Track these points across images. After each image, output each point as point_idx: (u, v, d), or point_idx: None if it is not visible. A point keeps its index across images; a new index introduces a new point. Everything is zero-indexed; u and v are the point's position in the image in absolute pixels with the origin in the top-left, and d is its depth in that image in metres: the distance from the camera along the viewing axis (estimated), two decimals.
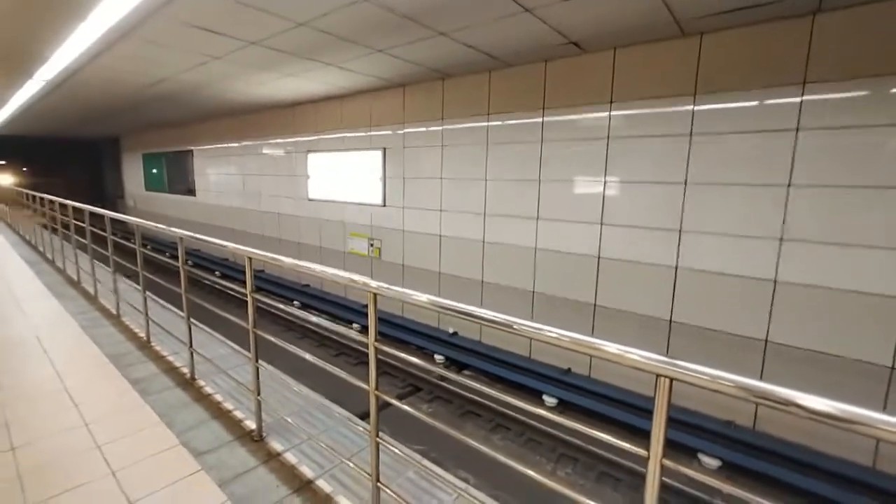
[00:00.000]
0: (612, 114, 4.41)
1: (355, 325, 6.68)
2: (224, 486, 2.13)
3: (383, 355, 1.86)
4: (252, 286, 2.41)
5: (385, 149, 6.69)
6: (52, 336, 4.07)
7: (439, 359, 5.68)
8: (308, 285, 8.45)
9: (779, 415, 3.43)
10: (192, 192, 12.17)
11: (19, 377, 3.23)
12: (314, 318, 2.26)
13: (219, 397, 3.02)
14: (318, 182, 7.99)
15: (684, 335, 4.21)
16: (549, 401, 4.65)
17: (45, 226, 8.38)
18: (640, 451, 1.12)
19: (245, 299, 2.44)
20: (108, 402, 2.91)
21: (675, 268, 4.20)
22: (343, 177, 7.47)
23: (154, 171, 14.22)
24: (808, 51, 3.38)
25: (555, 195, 4.95)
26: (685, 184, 4.05)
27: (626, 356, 1.12)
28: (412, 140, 6.32)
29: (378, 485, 1.88)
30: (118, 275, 4.60)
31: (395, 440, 2.19)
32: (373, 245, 7.15)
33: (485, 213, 5.61)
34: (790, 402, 0.90)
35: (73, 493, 2.06)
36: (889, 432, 0.81)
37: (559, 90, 4.77)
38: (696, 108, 3.92)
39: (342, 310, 7.25)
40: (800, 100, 3.45)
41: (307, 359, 2.24)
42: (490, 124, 5.41)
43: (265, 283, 8.89)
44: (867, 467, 3.41)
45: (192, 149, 11.83)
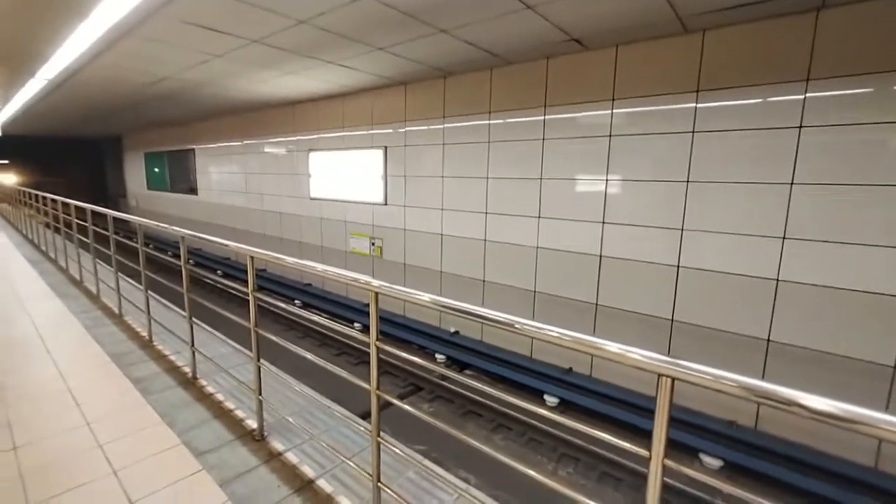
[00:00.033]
0: (614, 111, 4.40)
1: (357, 325, 6.69)
2: (225, 486, 2.14)
3: (385, 354, 1.86)
4: (254, 285, 2.41)
5: (386, 147, 6.69)
6: (55, 336, 4.08)
7: (441, 358, 5.68)
8: (310, 284, 8.46)
9: (781, 415, 3.42)
10: (194, 191, 12.19)
11: (22, 377, 3.24)
12: (316, 318, 2.26)
13: (220, 396, 3.03)
14: (320, 181, 7.98)
15: (686, 334, 4.20)
16: (551, 400, 4.64)
17: (47, 225, 8.40)
18: (641, 452, 1.12)
19: (247, 298, 2.44)
20: (110, 402, 2.92)
21: (677, 266, 4.18)
22: (344, 175, 7.46)
23: (156, 169, 14.25)
24: (812, 47, 3.35)
25: (556, 193, 4.93)
26: (687, 182, 4.03)
27: (627, 356, 1.11)
28: (413, 138, 6.32)
29: (379, 485, 1.88)
30: (120, 274, 4.61)
31: (396, 440, 2.19)
32: (374, 244, 7.15)
33: (486, 212, 5.60)
34: (792, 402, 0.89)
35: (74, 493, 2.07)
36: (891, 432, 0.80)
37: (561, 88, 4.75)
38: (698, 106, 3.90)
39: (344, 309, 7.25)
40: (803, 97, 3.43)
41: (308, 358, 2.24)
42: (491, 122, 5.39)
43: (267, 282, 8.90)
44: (869, 468, 3.40)
45: (194, 147, 11.84)
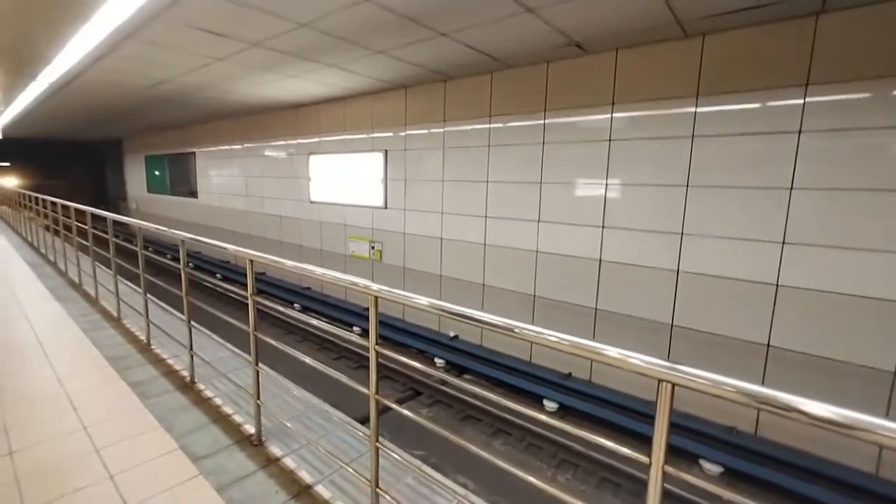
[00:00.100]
0: (614, 115, 4.40)
1: (356, 329, 6.67)
2: (222, 491, 2.12)
3: (384, 359, 1.85)
4: (253, 289, 2.40)
5: (386, 151, 6.69)
6: (53, 339, 4.07)
7: (440, 362, 5.66)
8: (309, 288, 8.45)
9: (781, 420, 3.40)
10: (194, 194, 12.20)
11: (20, 380, 3.23)
12: (315, 321, 2.25)
13: (218, 401, 3.01)
14: (320, 184, 7.99)
15: (686, 339, 4.19)
16: (550, 405, 4.62)
17: (47, 228, 8.40)
18: (641, 458, 1.11)
19: (246, 302, 2.43)
20: (108, 406, 2.91)
21: (677, 271, 4.18)
22: (344, 179, 7.47)
23: (156, 173, 14.26)
24: (812, 52, 3.36)
25: (556, 198, 4.93)
26: (687, 186, 4.04)
27: (627, 361, 1.11)
28: (414, 142, 6.32)
29: (377, 490, 1.87)
30: (119, 277, 4.60)
31: (394, 445, 2.18)
32: (374, 248, 7.14)
33: (486, 216, 5.60)
34: (792, 408, 0.89)
35: (71, 498, 2.05)
36: (892, 439, 0.79)
37: (561, 92, 4.76)
38: (698, 110, 3.91)
39: (343, 313, 7.24)
40: (802, 101, 3.44)
41: (307, 362, 2.23)
42: (492, 126, 5.40)
43: (266, 285, 8.89)
44: (870, 474, 3.38)
45: (195, 151, 11.85)
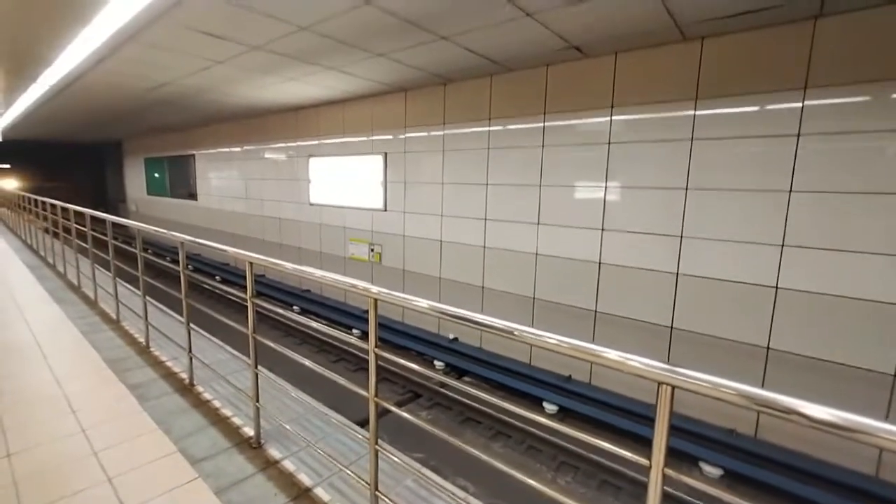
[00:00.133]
0: (614, 118, 4.42)
1: (355, 331, 6.67)
2: (221, 494, 2.11)
3: (383, 361, 1.85)
4: (252, 291, 2.40)
5: (386, 153, 6.70)
6: (52, 341, 4.06)
7: (439, 365, 5.66)
8: (308, 290, 8.44)
9: (781, 423, 3.41)
10: (193, 196, 12.20)
11: (18, 382, 3.22)
12: (314, 324, 2.25)
13: (217, 403, 3.00)
14: (320, 187, 7.99)
15: (685, 342, 4.19)
16: (550, 408, 4.62)
17: (46, 230, 8.39)
18: (641, 460, 1.11)
19: (245, 304, 2.43)
20: (106, 408, 2.90)
21: (676, 274, 4.18)
22: (344, 181, 7.48)
23: (156, 175, 14.27)
24: (810, 55, 3.38)
25: (556, 200, 4.94)
26: (686, 189, 4.04)
27: (627, 363, 1.11)
28: (413, 145, 6.33)
29: (377, 493, 1.87)
30: (118, 279, 4.60)
31: (394, 448, 2.18)
32: (373, 250, 7.15)
33: (485, 218, 5.60)
34: (792, 411, 0.89)
35: (69, 500, 2.04)
36: (891, 441, 0.80)
37: (560, 95, 4.77)
38: (697, 113, 3.92)
39: (342, 315, 7.23)
40: (801, 105, 3.45)
41: (306, 365, 2.23)
42: (491, 129, 5.41)
43: (266, 287, 8.88)
44: (870, 476, 3.38)
45: (194, 153, 11.86)
